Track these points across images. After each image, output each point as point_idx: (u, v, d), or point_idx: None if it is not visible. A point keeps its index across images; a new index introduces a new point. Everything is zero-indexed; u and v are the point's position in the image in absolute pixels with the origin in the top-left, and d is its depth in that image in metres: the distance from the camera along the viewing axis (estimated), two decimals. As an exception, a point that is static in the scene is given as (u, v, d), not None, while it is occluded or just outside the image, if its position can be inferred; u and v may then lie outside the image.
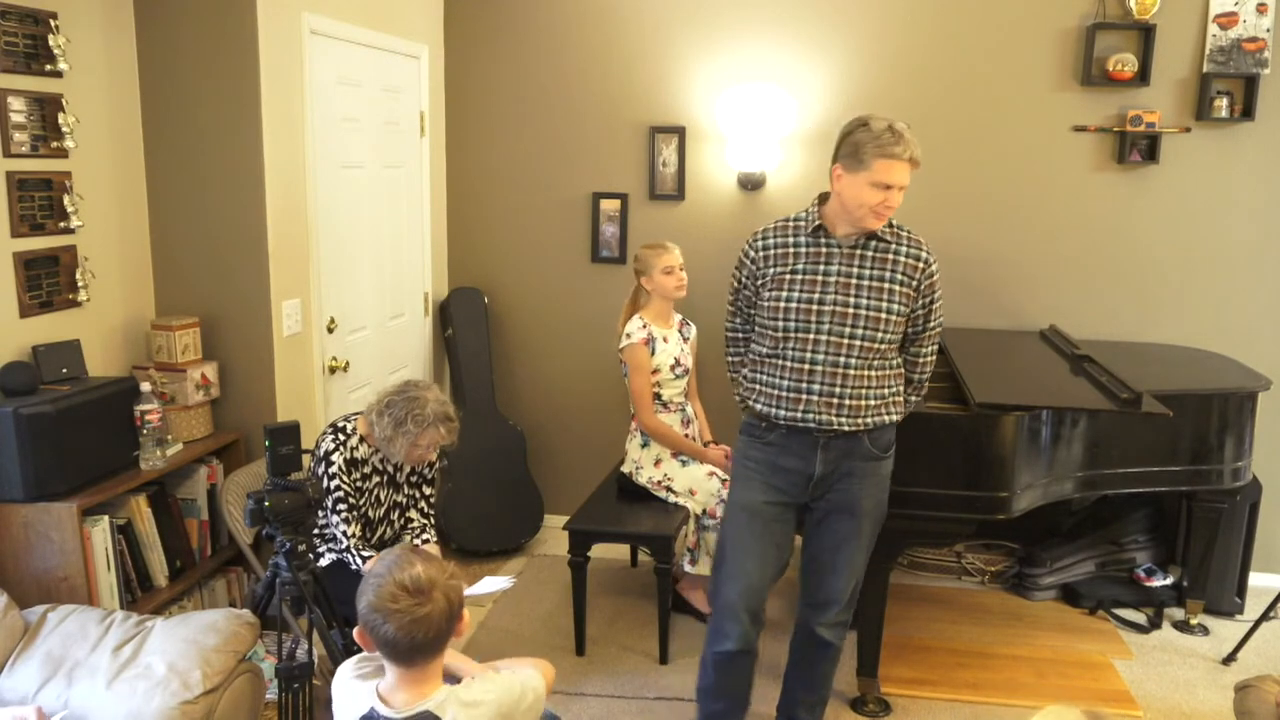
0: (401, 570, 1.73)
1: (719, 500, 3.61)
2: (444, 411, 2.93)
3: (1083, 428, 3.22)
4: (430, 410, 2.90)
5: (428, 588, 1.71)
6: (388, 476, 3.09)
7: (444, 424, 2.92)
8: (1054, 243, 4.23)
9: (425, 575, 1.73)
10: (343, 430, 2.98)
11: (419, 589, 1.71)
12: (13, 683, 2.34)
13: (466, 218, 4.61)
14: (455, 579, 1.78)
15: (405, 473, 3.14)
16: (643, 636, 3.68)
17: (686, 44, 4.31)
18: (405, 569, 1.73)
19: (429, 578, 1.73)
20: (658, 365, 3.73)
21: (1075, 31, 4.07)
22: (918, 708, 3.25)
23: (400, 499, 3.15)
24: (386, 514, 3.11)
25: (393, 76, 4.02)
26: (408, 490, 3.17)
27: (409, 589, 1.70)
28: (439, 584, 1.73)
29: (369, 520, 3.05)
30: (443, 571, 1.76)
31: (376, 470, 3.05)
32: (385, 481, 3.09)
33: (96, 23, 3.01)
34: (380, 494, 3.08)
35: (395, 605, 1.69)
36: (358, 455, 2.99)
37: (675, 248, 3.76)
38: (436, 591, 1.72)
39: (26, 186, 2.76)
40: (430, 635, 1.71)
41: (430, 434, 2.91)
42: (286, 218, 3.31)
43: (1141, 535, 4.10)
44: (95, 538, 2.71)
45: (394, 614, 1.69)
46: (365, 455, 3.01)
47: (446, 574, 1.77)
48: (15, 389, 2.63)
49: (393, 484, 3.12)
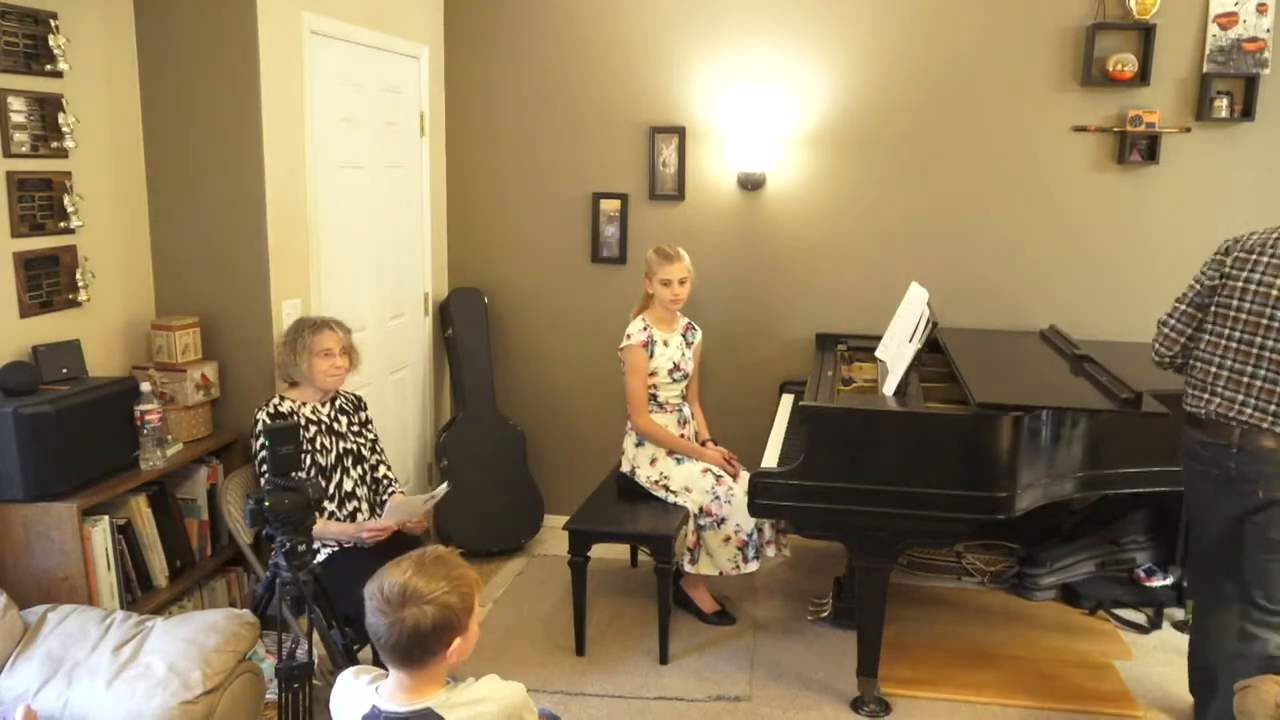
0: (390, 573, 1.72)
1: (714, 498, 3.61)
2: (332, 318, 3.19)
3: (1083, 428, 3.21)
4: (317, 318, 3.18)
5: (398, 600, 1.68)
6: (325, 425, 3.17)
7: (336, 326, 3.15)
8: (1054, 243, 4.23)
9: (402, 586, 1.69)
10: (265, 400, 3.15)
11: (389, 598, 1.69)
12: (13, 683, 2.34)
13: (466, 218, 4.61)
14: (438, 604, 1.70)
15: (344, 423, 3.23)
16: (643, 636, 3.68)
17: (686, 44, 4.31)
18: (393, 574, 1.72)
19: (405, 590, 1.69)
20: (655, 369, 3.73)
21: (1075, 31, 4.07)
22: (918, 708, 3.25)
23: (349, 446, 3.21)
24: (339, 461, 3.18)
25: (393, 76, 4.02)
26: (354, 438, 3.24)
27: (383, 594, 1.70)
28: (417, 600, 1.69)
29: (322, 468, 3.13)
30: (430, 590, 1.70)
31: (310, 420, 3.14)
32: (324, 430, 3.16)
33: (96, 23, 3.01)
34: (323, 441, 3.15)
35: (371, 602, 1.72)
36: (282, 410, 3.10)
37: (683, 260, 3.70)
38: (407, 609, 1.68)
39: (26, 186, 2.76)
40: (391, 644, 1.70)
41: (324, 335, 3.10)
42: (286, 218, 3.31)
43: (1141, 535, 4.10)
44: (95, 538, 2.71)
45: (369, 608, 1.72)
46: (292, 407, 3.12)
47: (431, 594, 1.69)
48: (15, 389, 2.63)
49: (333, 433, 3.19)
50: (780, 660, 3.55)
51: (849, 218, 4.33)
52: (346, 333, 3.20)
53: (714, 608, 3.83)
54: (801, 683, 3.38)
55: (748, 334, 4.48)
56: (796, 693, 3.32)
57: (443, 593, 1.71)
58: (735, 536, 3.59)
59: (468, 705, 1.76)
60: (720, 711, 3.21)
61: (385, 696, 1.77)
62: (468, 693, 1.79)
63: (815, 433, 3.07)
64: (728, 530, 3.59)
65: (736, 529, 3.58)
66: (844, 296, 4.38)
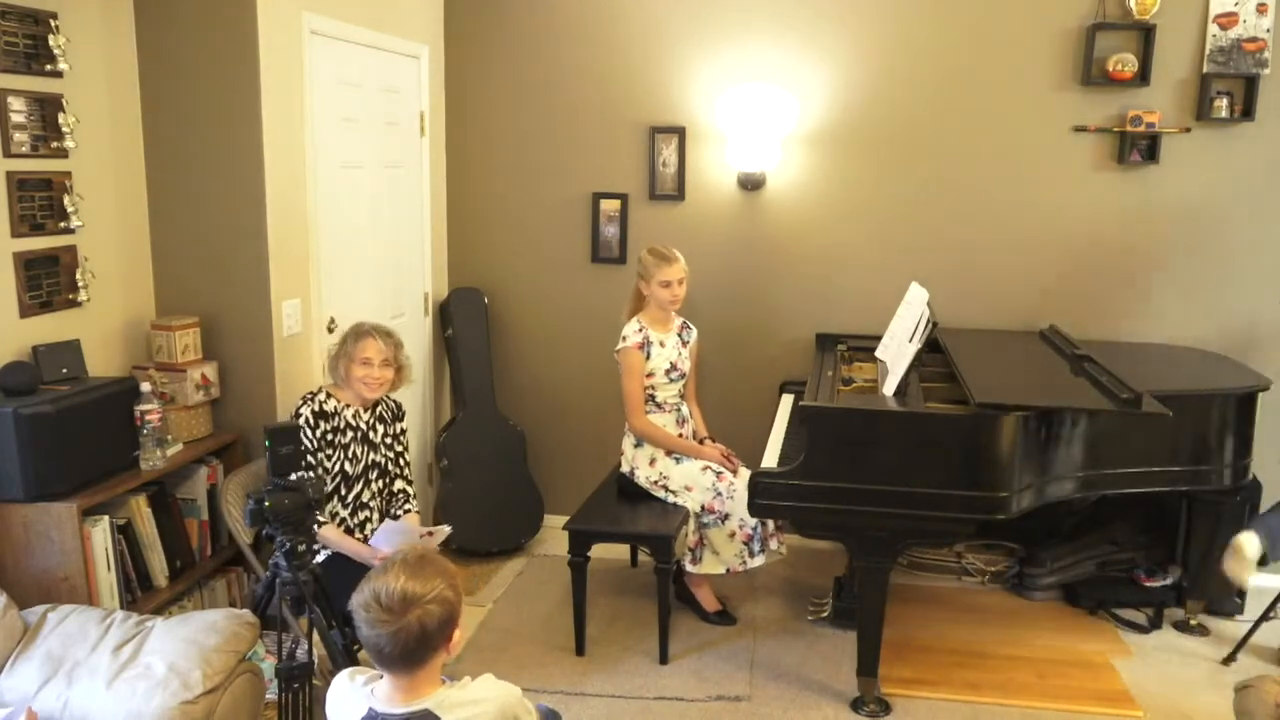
0: (383, 579, 1.70)
1: (716, 494, 3.61)
2: (382, 326, 3.17)
3: (1082, 428, 3.21)
4: (366, 325, 3.15)
5: (399, 606, 1.67)
6: (362, 433, 3.17)
7: (380, 335, 3.12)
8: (1054, 243, 4.23)
9: (400, 592, 1.68)
10: (312, 392, 3.15)
11: (389, 605, 1.68)
12: (13, 683, 2.34)
13: (466, 218, 4.61)
14: (438, 601, 1.71)
15: (380, 433, 3.22)
16: (643, 636, 3.68)
17: (686, 44, 4.31)
18: (386, 579, 1.70)
19: (404, 595, 1.68)
20: (652, 369, 3.73)
21: (1075, 31, 4.07)
22: (918, 708, 3.25)
23: (378, 459, 3.21)
24: (365, 471, 3.18)
25: (393, 76, 4.02)
26: (385, 450, 3.23)
27: (380, 602, 1.68)
28: (418, 603, 1.68)
29: (347, 476, 3.13)
30: (427, 590, 1.70)
31: (350, 425, 3.14)
32: (360, 438, 3.16)
33: (96, 23, 3.01)
34: (356, 450, 3.15)
35: (367, 614, 1.69)
36: (326, 408, 3.10)
37: (679, 260, 3.70)
38: (410, 612, 1.68)
39: (26, 186, 2.76)
40: (395, 651, 1.69)
41: (366, 343, 3.09)
42: (286, 218, 3.31)
43: (1141, 535, 4.10)
44: (95, 538, 2.71)
45: (364, 621, 1.69)
46: (335, 409, 3.12)
47: (429, 594, 1.70)
48: (15, 389, 2.63)
49: (368, 442, 3.18)
50: (780, 660, 3.54)
51: (849, 218, 4.33)
52: (395, 346, 3.15)
53: (716, 606, 3.83)
54: (801, 683, 3.38)
55: (748, 334, 4.48)
56: (796, 693, 3.32)
57: (441, 589, 1.73)
58: (740, 531, 3.59)
59: (465, 706, 1.76)
60: (720, 711, 3.21)
61: (381, 699, 1.77)
62: (464, 693, 1.79)
63: (815, 433, 3.07)
64: (732, 526, 3.60)
65: (741, 523, 3.58)
66: (844, 296, 4.38)
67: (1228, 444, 3.50)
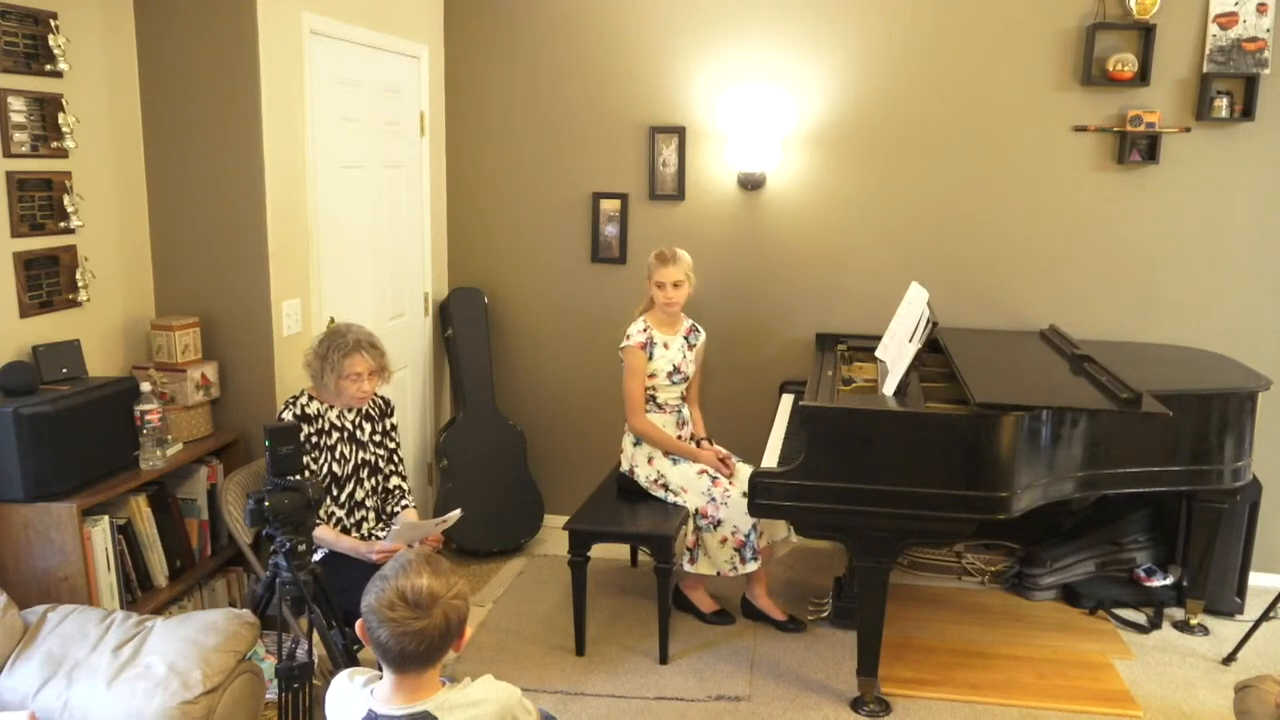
0: (406, 578, 1.70)
1: (710, 500, 3.61)
2: (367, 339, 3.08)
3: (1083, 428, 3.21)
4: (351, 338, 3.04)
5: (428, 602, 1.68)
6: (348, 433, 3.15)
7: (368, 350, 3.05)
8: (1054, 243, 4.23)
9: (428, 589, 1.69)
10: (293, 396, 3.12)
11: (418, 602, 1.68)
12: (13, 683, 2.34)
13: (466, 218, 4.61)
14: (460, 597, 1.74)
15: (368, 431, 3.21)
16: (643, 636, 3.68)
17: (686, 44, 4.31)
18: (410, 577, 1.70)
19: (431, 592, 1.69)
20: (654, 370, 3.73)
21: (1075, 31, 4.07)
22: (918, 708, 3.25)
23: (368, 457, 3.20)
24: (355, 471, 3.16)
25: (393, 76, 4.02)
26: (375, 448, 3.22)
27: (408, 600, 1.68)
28: (441, 600, 1.70)
29: (336, 477, 3.12)
30: (448, 587, 1.72)
31: (335, 426, 3.12)
32: (346, 438, 3.15)
33: (96, 23, 3.01)
34: (343, 450, 3.13)
35: (392, 614, 1.68)
36: (309, 411, 3.08)
37: (679, 263, 3.69)
38: (436, 608, 1.69)
39: (26, 186, 2.76)
40: (421, 649, 1.69)
41: (354, 359, 3.03)
42: (286, 218, 3.31)
43: (1141, 535, 4.10)
44: (95, 538, 2.71)
45: (389, 621, 1.68)
46: (319, 410, 3.10)
47: (451, 591, 1.73)
48: (15, 389, 2.63)
49: (355, 441, 3.17)
50: (780, 660, 3.55)
51: (849, 218, 4.33)
52: (379, 354, 3.10)
53: (713, 607, 3.83)
54: (801, 683, 3.39)
55: (748, 334, 4.48)
56: (796, 693, 3.32)
57: (460, 586, 1.76)
58: (733, 538, 3.59)
59: (465, 707, 1.76)
60: (720, 711, 3.21)
61: (381, 700, 1.76)
62: (464, 694, 1.78)
63: (815, 433, 3.07)
64: (724, 532, 3.59)
65: (734, 530, 3.58)
66: (844, 296, 4.38)
67: (1228, 444, 3.50)
